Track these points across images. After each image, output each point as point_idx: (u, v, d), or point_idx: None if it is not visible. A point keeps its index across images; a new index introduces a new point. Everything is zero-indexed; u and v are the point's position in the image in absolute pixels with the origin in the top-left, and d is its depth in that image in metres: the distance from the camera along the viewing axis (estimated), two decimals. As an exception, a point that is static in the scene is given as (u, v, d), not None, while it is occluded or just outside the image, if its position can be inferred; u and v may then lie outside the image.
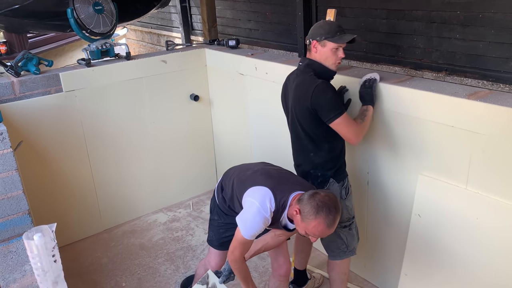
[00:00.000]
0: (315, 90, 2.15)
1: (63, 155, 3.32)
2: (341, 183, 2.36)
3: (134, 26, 7.73)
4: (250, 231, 2.01)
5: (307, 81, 2.21)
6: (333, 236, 2.38)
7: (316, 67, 2.24)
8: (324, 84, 2.18)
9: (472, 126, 2.08)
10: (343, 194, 2.37)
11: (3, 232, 2.18)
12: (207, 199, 4.18)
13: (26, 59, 3.11)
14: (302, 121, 2.27)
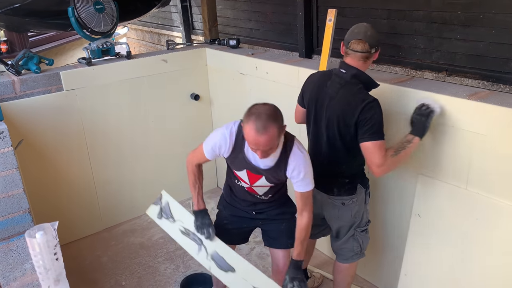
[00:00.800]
0: (368, 105, 2.01)
1: (64, 153, 3.32)
2: (365, 188, 2.31)
3: (134, 25, 7.73)
4: (208, 141, 2.18)
5: (357, 94, 2.06)
6: (350, 239, 2.38)
7: (364, 79, 2.10)
8: (377, 102, 2.04)
9: (472, 127, 2.08)
10: (367, 199, 2.34)
11: (4, 231, 2.18)
12: (207, 198, 4.18)
13: (26, 57, 3.11)
14: (344, 134, 2.11)
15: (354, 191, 2.26)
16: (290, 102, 3.10)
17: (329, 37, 2.65)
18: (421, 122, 2.11)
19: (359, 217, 2.33)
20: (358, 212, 2.31)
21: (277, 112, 1.89)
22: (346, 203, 2.27)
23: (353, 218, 2.32)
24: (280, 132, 1.89)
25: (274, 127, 1.82)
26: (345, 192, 2.26)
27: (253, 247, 3.40)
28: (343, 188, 2.25)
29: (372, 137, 2.01)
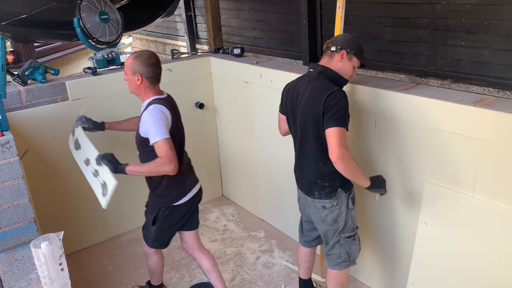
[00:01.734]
0: (331, 94, 2.09)
1: (69, 163, 3.31)
2: (348, 193, 2.30)
3: (139, 35, 7.79)
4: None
5: (322, 86, 2.16)
6: (336, 245, 2.38)
7: (330, 74, 2.22)
8: (341, 91, 2.14)
9: (478, 133, 2.07)
10: (350, 204, 2.32)
11: (9, 240, 2.18)
12: (212, 207, 4.17)
13: (33, 68, 3.13)
14: (313, 127, 2.17)
15: (334, 194, 2.27)
16: (294, 110, 3.11)
17: (339, 25, 2.59)
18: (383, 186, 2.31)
19: (341, 222, 2.32)
20: (339, 216, 2.31)
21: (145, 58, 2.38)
22: (327, 206, 2.30)
23: (335, 223, 2.32)
24: (131, 66, 2.36)
25: (131, 59, 2.37)
26: (325, 196, 2.28)
27: (258, 256, 3.39)
28: (323, 191, 2.27)
29: (334, 124, 2.05)
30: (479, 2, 2.71)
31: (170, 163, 2.25)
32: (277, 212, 3.68)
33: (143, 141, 2.37)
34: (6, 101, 2.96)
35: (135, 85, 2.41)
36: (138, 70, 2.36)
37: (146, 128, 2.31)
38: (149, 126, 2.29)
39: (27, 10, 3.43)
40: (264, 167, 3.66)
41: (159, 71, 2.46)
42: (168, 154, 2.25)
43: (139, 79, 2.37)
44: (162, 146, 2.26)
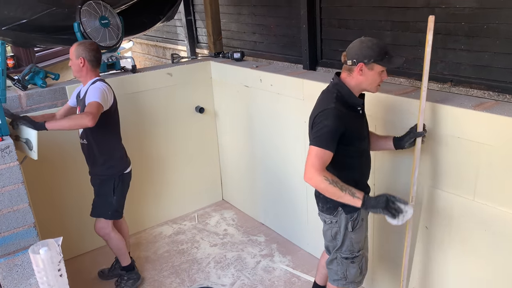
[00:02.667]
0: (323, 111, 2.01)
1: (68, 167, 3.33)
2: (349, 215, 2.16)
3: (140, 40, 7.81)
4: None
5: (325, 101, 2.06)
6: (334, 261, 2.30)
7: (343, 90, 2.06)
8: (334, 110, 1.99)
9: (478, 137, 2.07)
10: (350, 227, 2.18)
11: (9, 245, 2.17)
12: (212, 211, 4.17)
13: (33, 72, 3.14)
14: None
15: (334, 212, 2.18)
16: (295, 114, 3.11)
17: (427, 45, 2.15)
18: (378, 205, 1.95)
19: (339, 241, 2.22)
20: (337, 234, 2.22)
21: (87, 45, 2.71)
22: (327, 221, 2.24)
23: (334, 239, 2.25)
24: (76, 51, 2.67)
25: (74, 46, 2.70)
26: (326, 210, 2.21)
27: (259, 261, 3.38)
28: (325, 206, 2.20)
29: (312, 142, 2.00)
30: (479, 6, 2.71)
31: (89, 115, 2.43)
32: (278, 216, 3.67)
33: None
34: (6, 106, 2.96)
35: (78, 67, 2.71)
36: (81, 54, 2.68)
37: (89, 96, 2.59)
38: (91, 93, 2.59)
39: (28, 15, 3.44)
40: (264, 171, 3.66)
41: (99, 56, 2.77)
42: (93, 110, 2.48)
43: (82, 62, 2.69)
44: (92, 104, 2.52)
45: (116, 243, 3.02)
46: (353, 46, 2.04)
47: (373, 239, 2.78)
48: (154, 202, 3.91)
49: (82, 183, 3.43)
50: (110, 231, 2.98)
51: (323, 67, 4.04)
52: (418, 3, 3.08)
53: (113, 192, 2.89)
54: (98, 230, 2.98)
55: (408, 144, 2.20)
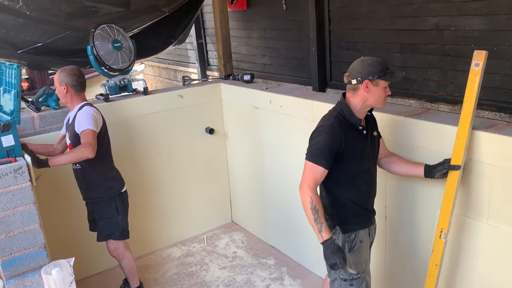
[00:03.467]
0: (319, 128, 2.09)
1: (77, 188, 3.34)
2: (346, 235, 2.17)
3: (151, 62, 7.93)
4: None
5: (325, 118, 2.13)
6: (334, 282, 2.27)
7: (345, 108, 2.10)
8: (329, 128, 2.05)
9: (491, 159, 2.05)
10: (346, 247, 2.17)
11: (19, 266, 2.18)
12: (221, 233, 4.14)
13: (46, 94, 3.19)
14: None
15: (333, 230, 2.17)
16: (304, 135, 3.10)
17: (473, 87, 2.03)
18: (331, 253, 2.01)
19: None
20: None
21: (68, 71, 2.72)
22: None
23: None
24: (58, 78, 2.71)
25: (57, 73, 2.73)
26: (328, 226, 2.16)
27: (268, 284, 3.33)
28: (327, 223, 2.13)
29: (306, 156, 2.07)
30: (488, 29, 2.73)
31: (89, 147, 2.52)
32: (288, 238, 3.63)
33: (79, 138, 2.65)
34: (20, 127, 3.00)
35: (62, 94, 2.75)
36: (63, 80, 2.72)
37: (79, 123, 2.64)
38: (81, 120, 2.64)
39: (43, 39, 3.52)
40: (274, 192, 3.65)
41: (82, 81, 2.78)
42: (90, 141, 2.55)
43: (65, 88, 2.73)
44: (87, 134, 2.58)
45: (129, 263, 3.03)
46: (355, 66, 2.08)
47: (385, 268, 2.74)
48: (163, 223, 3.90)
49: (92, 204, 3.44)
50: (124, 250, 2.99)
51: (332, 88, 4.06)
52: (427, 26, 3.11)
53: (117, 212, 2.89)
54: (112, 251, 2.97)
55: (440, 175, 2.15)
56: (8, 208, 2.11)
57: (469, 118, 2.03)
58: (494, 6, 2.71)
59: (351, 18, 3.68)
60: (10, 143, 2.21)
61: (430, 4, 3.06)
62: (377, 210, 2.70)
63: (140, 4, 3.91)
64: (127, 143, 3.53)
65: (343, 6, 3.75)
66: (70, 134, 2.74)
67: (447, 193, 2.13)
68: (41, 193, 3.05)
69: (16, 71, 2.54)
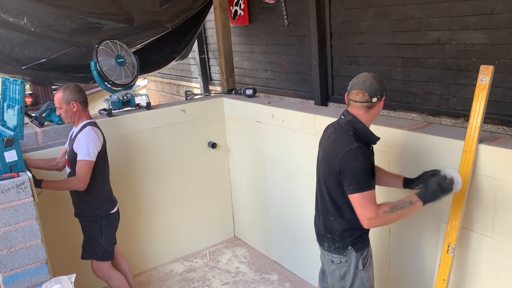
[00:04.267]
0: (347, 153, 1.95)
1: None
2: (360, 253, 2.14)
3: (154, 77, 7.98)
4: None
5: (344, 140, 2.02)
6: None
7: (359, 127, 2.04)
8: (359, 149, 1.96)
9: (494, 173, 2.03)
10: (360, 265, 2.15)
11: (20, 282, 2.16)
12: (224, 248, 4.12)
13: (50, 110, 3.20)
14: (328, 181, 2.08)
15: (344, 252, 2.14)
16: (307, 149, 3.11)
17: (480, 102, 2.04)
18: (435, 192, 1.97)
19: (349, 281, 2.17)
20: (347, 274, 2.16)
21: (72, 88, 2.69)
22: (335, 261, 2.18)
23: (342, 279, 2.18)
24: (65, 98, 2.65)
25: (60, 92, 2.67)
26: (334, 250, 2.16)
27: (271, 300, 3.30)
28: (333, 245, 2.16)
29: (354, 190, 1.94)
30: (490, 42, 2.74)
31: (81, 183, 2.62)
32: (291, 254, 3.61)
33: (75, 156, 2.67)
34: (23, 142, 3.01)
35: (71, 113, 2.71)
36: (72, 99, 2.68)
37: (79, 145, 2.64)
38: (82, 144, 2.63)
39: (47, 55, 3.56)
40: (276, 207, 3.63)
41: (86, 96, 2.80)
42: (85, 175, 2.62)
43: (75, 106, 2.69)
44: (84, 166, 2.62)
45: (118, 283, 2.94)
46: (371, 83, 2.01)
47: (389, 284, 2.71)
48: (165, 238, 3.88)
49: (94, 219, 3.42)
50: (110, 271, 2.93)
51: (334, 102, 4.07)
52: (428, 40, 3.12)
53: (100, 233, 2.83)
54: (97, 273, 2.93)
55: (418, 188, 2.13)
56: (10, 223, 2.11)
57: (476, 132, 2.03)
58: (495, 20, 2.73)
59: (352, 32, 3.71)
60: (13, 158, 2.22)
61: (431, 18, 3.08)
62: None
63: (143, 20, 3.96)
64: (130, 157, 3.53)
65: (344, 21, 3.78)
66: (68, 150, 2.75)
67: (454, 207, 2.11)
68: (42, 208, 3.05)
69: (20, 87, 2.56)
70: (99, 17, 3.68)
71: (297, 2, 4.22)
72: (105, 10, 3.70)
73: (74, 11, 3.51)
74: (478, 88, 2.04)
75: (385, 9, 3.39)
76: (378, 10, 3.45)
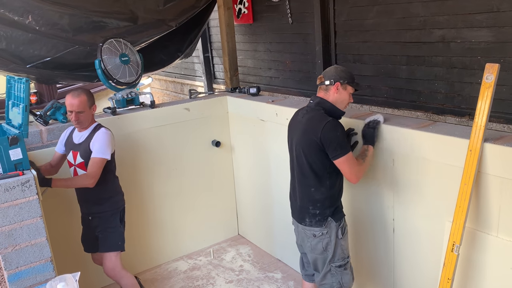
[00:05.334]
0: (326, 126, 2.26)
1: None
2: (338, 223, 2.41)
3: (158, 76, 7.99)
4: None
5: (319, 116, 2.33)
6: (327, 275, 2.45)
7: (327, 106, 2.37)
8: (334, 121, 2.30)
9: (500, 172, 2.02)
10: (339, 234, 2.41)
11: (25, 280, 2.17)
12: (228, 246, 4.12)
13: (54, 108, 3.21)
14: (308, 154, 2.35)
15: (324, 223, 2.39)
16: (311, 148, 3.10)
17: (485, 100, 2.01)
18: (371, 134, 2.46)
19: (331, 251, 2.41)
20: (328, 244, 2.40)
21: (89, 92, 2.73)
22: (317, 234, 2.41)
23: (325, 251, 2.42)
24: (88, 101, 2.69)
25: (84, 95, 2.67)
26: (315, 224, 2.39)
27: (275, 298, 3.30)
28: (314, 219, 2.39)
29: (342, 152, 2.27)
30: (495, 40, 2.72)
31: (91, 179, 2.63)
32: (295, 252, 3.59)
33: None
34: (28, 141, 3.03)
35: (89, 116, 2.77)
36: (93, 102, 2.77)
37: (97, 143, 2.69)
38: (102, 143, 2.69)
39: (52, 53, 3.57)
40: (280, 205, 3.63)
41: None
42: (96, 172, 2.64)
43: (95, 108, 2.79)
44: (97, 163, 2.65)
45: (129, 281, 2.97)
46: (329, 70, 2.42)
47: (394, 284, 2.71)
48: (169, 236, 3.88)
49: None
50: (122, 269, 2.95)
51: (339, 101, 4.06)
52: (433, 38, 3.11)
53: (120, 223, 2.94)
54: (110, 271, 2.92)
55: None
56: (15, 221, 2.12)
57: (481, 131, 2.02)
58: (501, 18, 2.71)
59: (357, 31, 3.70)
60: (18, 156, 2.23)
61: (436, 16, 3.06)
62: (385, 224, 2.69)
63: (147, 18, 3.96)
64: (134, 156, 3.54)
65: (348, 19, 3.77)
66: (82, 153, 2.75)
67: (459, 206, 2.11)
68: (46, 206, 3.06)
69: (25, 85, 2.56)
70: (104, 15, 3.69)
71: (301, 0, 4.21)
72: (110, 9, 3.71)
73: (79, 9, 3.52)
74: (484, 87, 2.04)
75: (390, 7, 3.38)
76: (382, 8, 3.44)
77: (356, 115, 2.76)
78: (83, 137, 2.78)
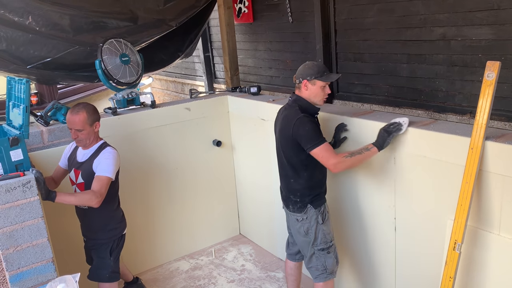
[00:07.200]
0: (296, 122, 2.40)
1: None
2: (318, 209, 2.56)
3: (159, 76, 7.99)
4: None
5: (292, 113, 2.46)
6: (312, 258, 2.62)
7: (302, 103, 2.49)
8: (305, 117, 2.41)
9: (501, 170, 2.02)
10: (320, 219, 2.57)
11: (27, 281, 2.17)
12: (229, 246, 4.12)
13: (55, 109, 3.21)
14: (285, 149, 2.53)
15: (304, 210, 2.56)
16: (312, 147, 3.09)
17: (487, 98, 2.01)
18: (384, 137, 2.38)
19: (312, 235, 2.58)
20: (310, 229, 2.57)
21: (92, 108, 2.58)
22: (299, 219, 2.60)
23: (307, 235, 2.59)
24: (89, 119, 2.53)
25: (83, 112, 2.50)
26: (297, 210, 2.58)
27: (277, 297, 3.29)
28: (296, 206, 2.59)
29: (314, 144, 2.35)
30: (496, 38, 2.72)
31: (97, 198, 2.44)
32: (296, 251, 3.60)
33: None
34: (29, 141, 3.03)
35: (92, 134, 2.60)
36: (95, 118, 2.60)
37: (102, 162, 2.54)
38: (106, 161, 2.54)
39: (52, 54, 3.56)
40: (281, 205, 3.62)
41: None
42: (102, 191, 2.47)
43: (97, 126, 2.62)
44: (103, 181, 2.49)
45: None
46: (299, 69, 2.52)
47: (395, 282, 2.70)
48: (171, 236, 3.88)
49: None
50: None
51: (339, 100, 4.06)
52: (434, 36, 3.10)
53: (110, 254, 2.75)
54: None
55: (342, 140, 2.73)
56: (17, 222, 2.12)
57: (483, 129, 2.02)
58: (501, 16, 2.71)
59: (357, 29, 3.69)
60: (19, 157, 2.23)
61: (436, 14, 3.06)
62: (386, 222, 2.69)
63: (147, 18, 3.96)
64: (135, 156, 3.53)
65: (349, 17, 3.76)
66: (83, 173, 2.61)
67: (460, 204, 2.10)
68: (48, 207, 3.06)
69: (25, 86, 2.56)
70: (104, 16, 3.68)
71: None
72: (109, 9, 3.70)
73: (79, 10, 3.51)
74: (485, 84, 2.03)
75: (390, 6, 3.37)
76: (382, 7, 3.43)
77: (357, 113, 2.76)
78: (86, 156, 2.63)
